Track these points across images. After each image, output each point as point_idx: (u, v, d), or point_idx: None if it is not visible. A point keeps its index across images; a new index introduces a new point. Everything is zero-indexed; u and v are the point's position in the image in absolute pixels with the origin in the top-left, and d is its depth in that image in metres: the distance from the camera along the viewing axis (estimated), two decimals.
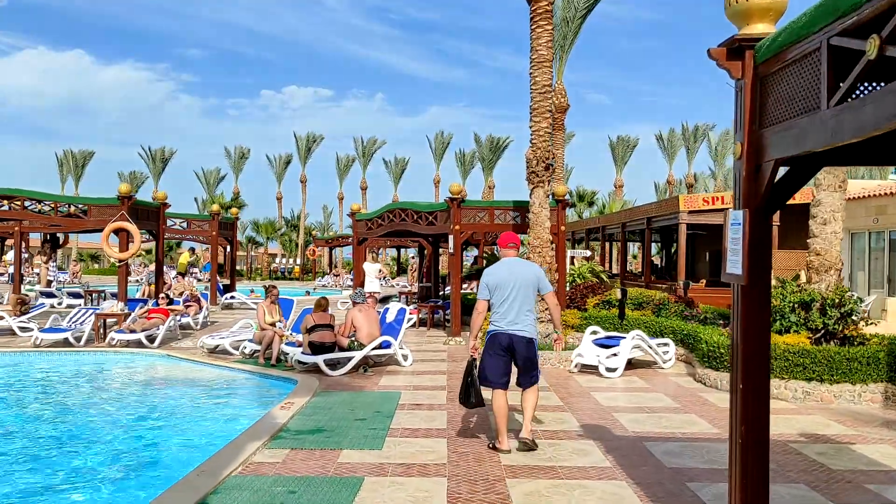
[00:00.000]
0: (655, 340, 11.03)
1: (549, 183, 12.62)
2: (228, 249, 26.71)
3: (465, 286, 19.82)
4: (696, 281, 20.21)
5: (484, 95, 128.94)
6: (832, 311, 8.89)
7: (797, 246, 17.24)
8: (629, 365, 10.39)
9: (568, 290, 15.78)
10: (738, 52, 3.55)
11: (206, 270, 35.81)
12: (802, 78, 3.09)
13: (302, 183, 58.67)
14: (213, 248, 24.27)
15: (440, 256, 23.15)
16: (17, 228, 18.63)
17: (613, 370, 10.10)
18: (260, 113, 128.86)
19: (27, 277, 30.45)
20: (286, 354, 10.86)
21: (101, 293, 21.69)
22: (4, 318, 14.22)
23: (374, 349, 10.35)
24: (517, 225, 14.78)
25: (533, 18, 12.35)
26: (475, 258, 25.16)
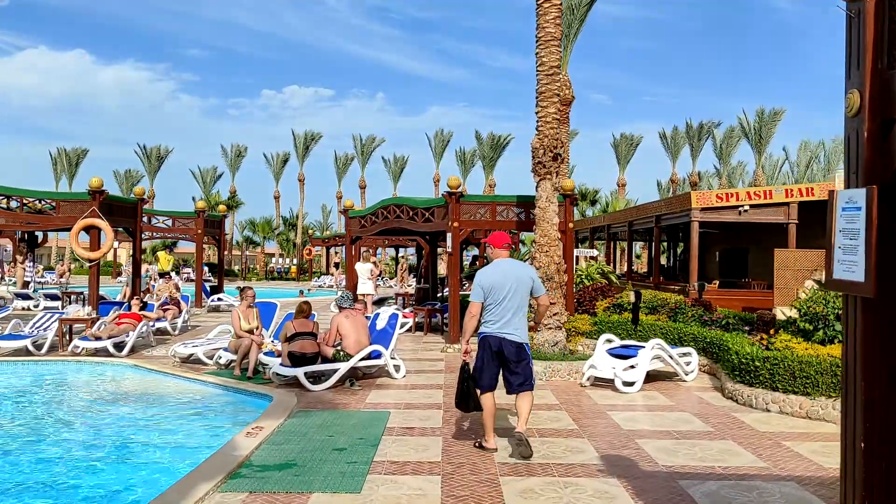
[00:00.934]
0: (676, 350, 9.89)
1: (557, 175, 11.37)
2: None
3: (465, 287, 18.64)
4: (707, 282, 19.09)
5: (484, 95, 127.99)
6: None
7: (813, 245, 16.05)
8: (647, 377, 9.26)
9: (575, 292, 14.63)
10: None
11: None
12: None
13: (300, 182, 57.72)
14: (197, 246, 23.11)
15: (438, 256, 21.98)
16: None
17: (631, 384, 8.97)
18: (260, 113, 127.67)
19: (10, 278, 29.26)
20: (265, 366, 9.74)
21: (80, 295, 20.49)
22: None
23: (362, 360, 9.24)
24: (521, 221, 13.64)
25: None
26: (474, 258, 23.83)
